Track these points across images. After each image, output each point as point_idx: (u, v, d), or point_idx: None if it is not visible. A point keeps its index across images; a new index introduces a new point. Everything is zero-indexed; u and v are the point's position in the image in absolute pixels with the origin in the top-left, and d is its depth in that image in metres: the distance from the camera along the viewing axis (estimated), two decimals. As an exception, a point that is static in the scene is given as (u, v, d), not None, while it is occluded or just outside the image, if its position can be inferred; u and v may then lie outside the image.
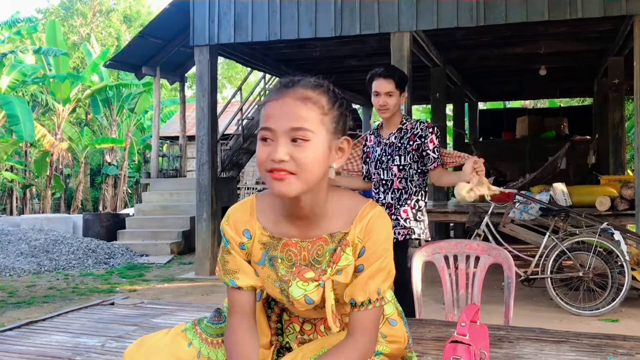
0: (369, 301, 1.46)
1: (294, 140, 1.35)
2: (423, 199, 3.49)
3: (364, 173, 3.70)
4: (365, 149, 3.67)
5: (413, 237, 3.39)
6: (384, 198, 3.49)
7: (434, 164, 3.40)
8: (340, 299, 1.50)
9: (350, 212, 1.47)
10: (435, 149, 3.40)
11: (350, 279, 1.47)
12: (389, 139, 3.48)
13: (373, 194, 3.56)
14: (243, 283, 1.52)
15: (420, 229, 3.44)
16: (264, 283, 1.54)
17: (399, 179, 3.44)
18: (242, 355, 1.47)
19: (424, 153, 3.42)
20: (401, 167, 3.43)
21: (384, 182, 3.48)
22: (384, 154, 3.48)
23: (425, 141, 3.40)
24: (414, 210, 3.43)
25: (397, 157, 3.43)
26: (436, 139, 3.42)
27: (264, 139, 1.37)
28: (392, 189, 3.45)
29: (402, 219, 3.42)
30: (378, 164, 3.51)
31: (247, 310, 1.53)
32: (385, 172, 3.48)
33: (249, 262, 1.54)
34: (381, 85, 3.37)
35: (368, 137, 3.66)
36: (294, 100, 1.37)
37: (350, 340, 1.46)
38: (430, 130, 3.42)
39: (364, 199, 1.51)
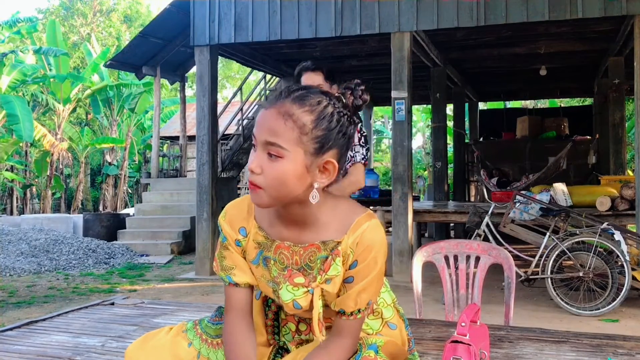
0: (358, 311, 1.47)
1: (269, 154, 1.36)
2: None
3: None
4: None
5: None
6: None
7: (349, 162, 3.15)
8: (329, 304, 1.50)
9: (345, 221, 1.45)
10: (353, 147, 3.11)
11: (339, 288, 1.46)
12: None
13: None
14: (239, 279, 1.52)
15: None
16: (258, 282, 1.54)
17: None
18: (241, 355, 1.48)
19: None
20: None
21: None
22: None
23: None
24: None
25: None
26: (359, 137, 3.15)
27: (254, 145, 1.40)
28: None
29: None
30: None
31: (243, 308, 1.53)
32: None
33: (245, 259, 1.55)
34: (310, 79, 3.18)
35: None
36: (276, 113, 1.36)
37: (336, 340, 1.47)
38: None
39: (362, 208, 1.48)
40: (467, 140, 14.40)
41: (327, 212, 1.46)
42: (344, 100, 1.43)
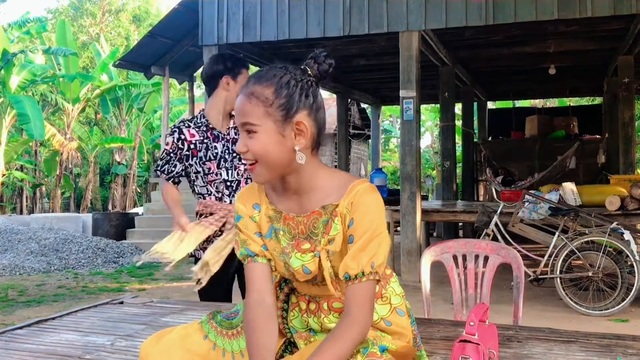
0: (363, 274, 1.49)
1: (247, 132, 1.51)
2: None
3: (175, 174, 3.31)
4: (185, 144, 3.18)
5: None
6: (230, 202, 3.16)
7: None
8: (337, 273, 1.54)
9: (343, 187, 1.54)
10: None
11: (341, 247, 1.52)
12: (229, 134, 3.16)
13: (214, 198, 3.22)
14: (255, 248, 1.61)
15: None
16: (273, 257, 1.61)
17: (246, 179, 3.17)
18: (260, 345, 1.52)
19: None
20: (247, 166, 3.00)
21: (228, 183, 3.15)
22: (227, 150, 3.13)
23: None
24: None
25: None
26: None
27: None
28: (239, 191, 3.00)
29: None
30: (222, 162, 3.14)
31: (263, 288, 1.59)
32: (229, 171, 3.14)
33: (261, 235, 1.64)
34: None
35: (186, 132, 3.16)
36: (243, 97, 1.52)
37: (348, 318, 1.49)
38: None
39: (357, 177, 1.59)
40: (475, 140, 14.36)
41: (324, 180, 1.57)
42: (308, 71, 1.56)
